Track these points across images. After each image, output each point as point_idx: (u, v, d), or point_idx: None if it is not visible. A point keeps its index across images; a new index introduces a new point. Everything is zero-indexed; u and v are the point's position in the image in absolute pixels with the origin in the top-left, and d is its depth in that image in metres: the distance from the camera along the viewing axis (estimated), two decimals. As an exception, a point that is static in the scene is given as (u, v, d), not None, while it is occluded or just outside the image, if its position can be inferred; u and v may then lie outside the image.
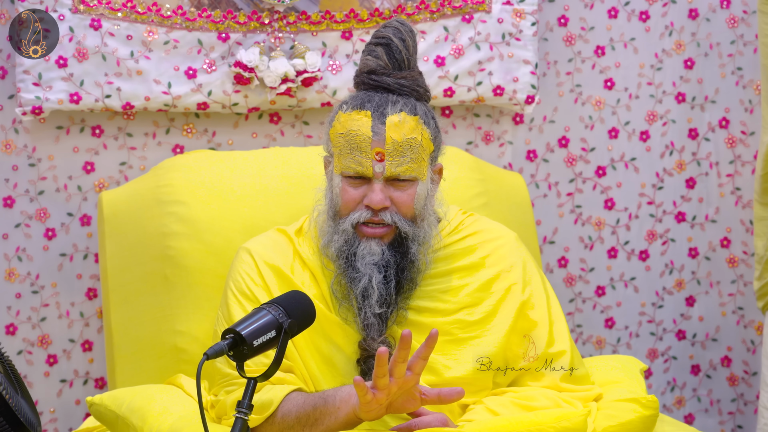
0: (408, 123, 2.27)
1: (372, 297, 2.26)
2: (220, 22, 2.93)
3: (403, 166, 2.26)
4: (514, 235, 2.43)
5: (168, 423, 2.22)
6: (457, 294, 2.33)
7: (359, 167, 2.26)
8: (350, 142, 2.27)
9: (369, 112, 2.27)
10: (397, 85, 2.31)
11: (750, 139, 3.29)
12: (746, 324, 3.35)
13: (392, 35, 2.33)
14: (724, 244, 3.32)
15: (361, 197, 2.28)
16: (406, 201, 2.28)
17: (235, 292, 2.35)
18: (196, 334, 2.65)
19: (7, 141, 2.94)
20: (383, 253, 2.27)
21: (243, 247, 2.42)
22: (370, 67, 2.33)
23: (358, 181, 2.28)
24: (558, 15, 3.19)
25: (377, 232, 2.28)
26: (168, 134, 3.01)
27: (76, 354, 3.00)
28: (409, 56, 2.33)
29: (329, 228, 2.31)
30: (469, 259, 2.36)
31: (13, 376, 2.22)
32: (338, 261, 2.29)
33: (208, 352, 1.95)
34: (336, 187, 2.30)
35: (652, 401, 2.20)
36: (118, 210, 2.78)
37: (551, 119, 3.22)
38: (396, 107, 2.27)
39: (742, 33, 3.26)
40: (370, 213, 2.27)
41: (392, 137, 2.25)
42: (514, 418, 2.12)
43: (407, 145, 2.26)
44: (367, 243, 2.27)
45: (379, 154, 2.26)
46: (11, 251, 2.96)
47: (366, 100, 2.29)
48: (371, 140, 2.25)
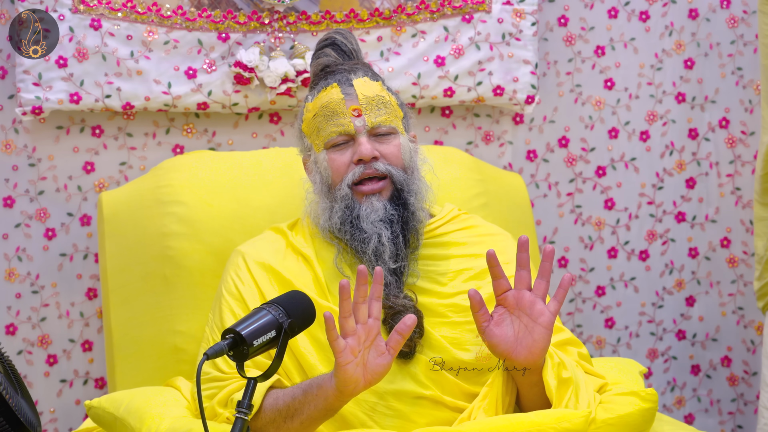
0: (373, 84, 2.37)
1: (385, 254, 2.30)
2: (220, 22, 2.93)
3: (381, 117, 2.33)
4: (510, 235, 2.48)
5: (166, 424, 2.22)
6: (455, 278, 2.36)
7: (340, 128, 2.33)
8: (325, 112, 2.34)
9: (335, 84, 2.36)
10: (352, 68, 2.39)
11: (750, 139, 3.29)
12: (746, 324, 3.35)
13: (334, 35, 2.45)
14: (724, 244, 3.32)
15: (349, 159, 2.33)
16: (393, 151, 2.34)
17: (225, 294, 2.38)
18: (195, 334, 2.66)
19: (7, 141, 2.94)
20: (385, 208, 2.31)
21: (236, 250, 2.45)
22: (323, 63, 2.42)
23: (343, 147, 2.34)
24: (558, 15, 3.19)
25: (375, 187, 2.33)
26: (168, 134, 3.01)
27: (76, 354, 3.00)
28: (356, 48, 2.45)
29: (326, 203, 2.35)
30: (467, 249, 2.40)
31: (13, 376, 2.22)
32: (343, 227, 2.32)
33: (208, 352, 1.95)
34: (323, 162, 2.35)
35: (651, 394, 2.20)
36: (118, 210, 2.78)
37: (551, 119, 3.22)
38: (358, 74, 2.37)
39: (742, 33, 3.26)
40: (362, 167, 2.32)
41: (363, 93, 2.34)
42: (515, 417, 2.11)
43: (379, 100, 2.35)
44: (368, 201, 2.32)
45: (356, 110, 2.33)
46: (11, 251, 2.96)
47: (328, 80, 2.37)
48: (344, 101, 2.33)
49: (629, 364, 2.53)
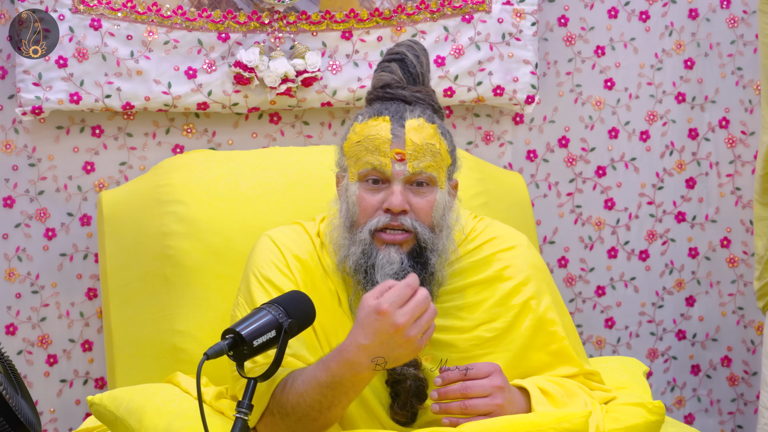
0: (427, 129, 2.24)
1: None
2: (220, 22, 2.93)
3: (423, 163, 2.21)
4: (526, 240, 2.39)
5: (164, 422, 2.22)
6: (475, 310, 2.29)
7: (378, 163, 2.20)
8: (368, 146, 2.22)
9: (387, 117, 2.23)
10: (413, 97, 2.27)
11: (750, 139, 3.29)
12: (746, 324, 3.35)
13: (406, 51, 2.31)
14: (724, 244, 3.32)
15: (379, 203, 2.21)
16: (425, 207, 2.22)
17: (259, 277, 2.28)
18: (195, 334, 2.66)
19: (7, 141, 2.94)
20: (402, 262, 2.20)
21: (266, 235, 2.36)
22: (384, 81, 2.29)
23: (376, 187, 2.22)
24: (558, 15, 3.19)
25: (397, 238, 2.21)
26: (168, 134, 3.01)
27: (76, 354, 3.00)
28: (423, 72, 2.31)
29: (345, 240, 2.24)
30: (486, 273, 2.31)
31: (13, 376, 2.22)
32: (356, 276, 2.23)
33: (208, 352, 1.95)
34: (352, 195, 2.24)
35: (659, 407, 2.20)
36: (118, 210, 2.78)
37: (551, 119, 3.22)
38: (414, 113, 2.24)
39: (742, 33, 3.26)
40: (389, 218, 2.20)
41: (412, 139, 2.21)
42: (515, 418, 2.11)
43: (427, 149, 2.22)
44: (386, 251, 2.20)
45: (399, 155, 2.21)
46: (11, 251, 2.96)
47: (383, 108, 2.25)
48: (391, 142, 2.21)
49: (632, 363, 2.53)
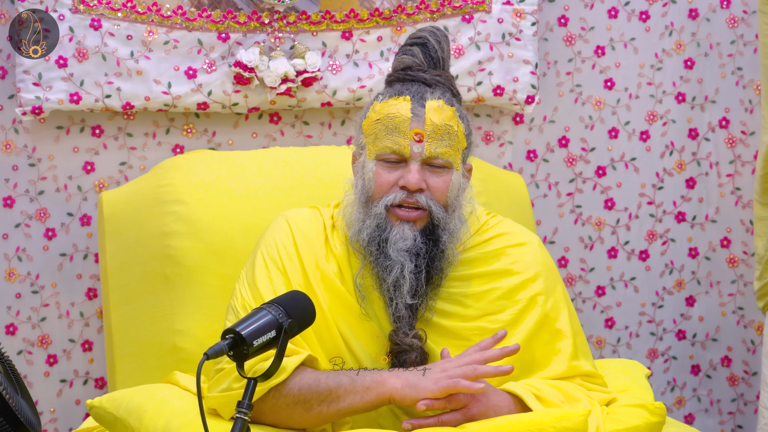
0: (446, 110, 2.27)
1: (404, 287, 2.24)
2: (220, 22, 2.93)
3: (441, 148, 2.25)
4: (538, 240, 2.41)
5: (163, 420, 2.22)
6: (480, 300, 2.31)
7: (396, 146, 2.25)
8: (388, 124, 2.26)
9: (408, 97, 2.27)
10: (433, 80, 2.31)
11: (750, 139, 3.29)
12: (746, 324, 3.35)
13: (428, 35, 2.35)
14: (724, 244, 3.32)
15: (395, 180, 2.26)
16: (441, 187, 2.26)
17: (265, 256, 2.32)
18: (196, 334, 2.66)
19: (7, 141, 2.94)
20: (415, 239, 2.25)
21: (282, 215, 2.40)
22: (405, 63, 2.33)
23: (394, 165, 2.26)
24: (558, 15, 3.19)
25: (411, 215, 2.25)
26: (168, 134, 3.01)
27: (76, 354, 3.00)
28: (444, 57, 2.34)
29: (360, 214, 2.28)
30: (495, 266, 2.34)
31: (13, 376, 2.22)
32: (369, 247, 2.26)
33: (208, 352, 1.95)
34: (369, 172, 2.27)
35: (660, 408, 2.21)
36: (119, 209, 2.78)
37: (551, 119, 3.22)
38: (434, 95, 2.28)
39: (742, 33, 3.26)
40: (405, 194, 2.25)
41: (432, 119, 2.25)
42: (515, 417, 2.11)
43: (445, 131, 2.26)
44: (399, 227, 2.25)
45: (418, 135, 2.24)
46: (11, 251, 2.96)
47: (404, 89, 2.29)
48: (410, 121, 2.25)
49: (634, 366, 2.53)
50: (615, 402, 2.29)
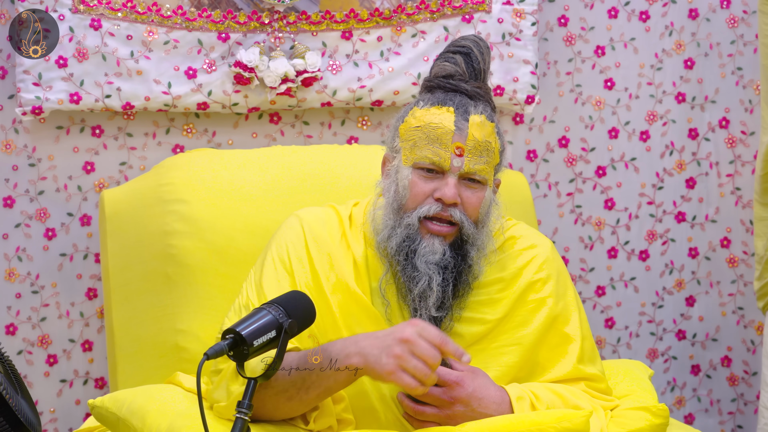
0: (487, 126, 2.27)
1: (430, 299, 2.23)
2: (220, 22, 2.93)
3: (480, 165, 2.25)
4: (551, 244, 2.41)
5: (167, 421, 2.22)
6: (497, 306, 2.31)
7: (436, 158, 2.23)
8: (429, 134, 2.24)
9: (452, 108, 2.25)
10: (474, 92, 2.30)
11: (750, 139, 3.29)
12: (746, 324, 3.35)
13: (472, 45, 2.33)
14: (724, 244, 3.32)
15: (431, 191, 2.24)
16: (475, 203, 2.26)
17: (275, 256, 2.31)
18: (197, 333, 2.66)
19: (7, 141, 2.94)
20: (444, 253, 2.24)
21: (295, 215, 2.38)
22: (447, 71, 2.31)
23: (431, 175, 2.25)
24: (558, 15, 3.19)
25: (443, 229, 2.24)
26: (168, 134, 3.01)
27: (76, 354, 3.00)
28: (485, 69, 2.33)
29: (390, 221, 2.27)
30: (508, 270, 2.34)
31: (13, 376, 2.22)
32: (397, 256, 2.25)
33: (208, 352, 1.95)
34: (404, 179, 2.26)
35: (663, 410, 2.21)
36: (120, 208, 2.78)
37: (551, 119, 3.22)
38: (477, 109, 2.27)
39: (742, 33, 3.26)
40: (439, 207, 2.24)
41: (474, 135, 2.24)
42: (515, 417, 2.11)
43: (485, 147, 2.26)
44: (430, 240, 2.24)
45: (459, 149, 2.23)
46: (11, 251, 2.96)
47: (447, 99, 2.27)
48: (453, 134, 2.23)
49: (637, 366, 2.53)
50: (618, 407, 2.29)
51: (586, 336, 2.34)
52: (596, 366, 2.34)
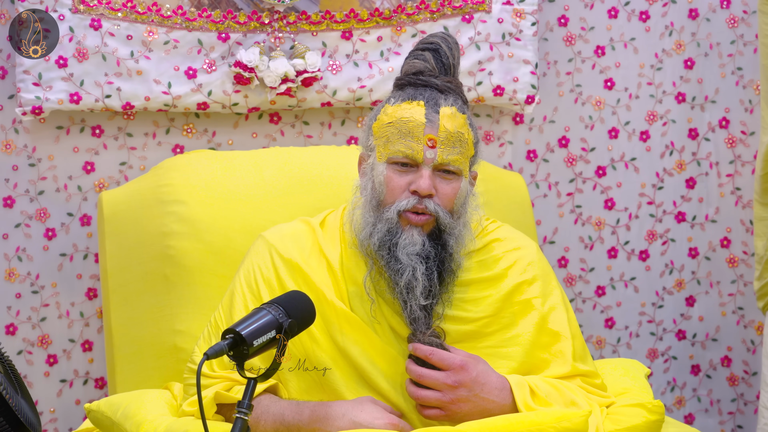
0: (458, 118, 2.28)
1: (417, 289, 2.25)
2: (220, 22, 2.93)
3: (453, 155, 2.26)
4: (536, 246, 2.43)
5: (162, 426, 2.22)
6: (480, 304, 2.32)
7: (409, 151, 2.25)
8: (401, 128, 2.26)
9: (422, 102, 2.27)
10: (444, 86, 2.31)
11: (750, 139, 3.29)
12: (746, 324, 3.35)
13: (440, 41, 2.35)
14: (724, 244, 3.32)
15: (406, 185, 2.26)
16: (449, 194, 2.27)
17: (243, 283, 2.34)
18: (196, 334, 2.65)
19: (7, 141, 2.94)
20: (424, 243, 2.26)
21: (261, 236, 2.40)
22: (417, 68, 2.33)
23: (405, 169, 2.27)
24: (558, 15, 3.19)
25: (420, 219, 2.26)
26: (168, 134, 3.01)
27: (76, 354, 3.00)
28: (455, 64, 2.35)
29: (371, 218, 2.29)
30: (492, 271, 2.35)
31: (13, 376, 2.22)
32: (380, 251, 2.27)
33: (208, 352, 1.96)
34: (380, 175, 2.28)
35: (658, 406, 2.22)
36: (119, 210, 2.78)
37: (551, 119, 3.22)
38: (448, 101, 2.29)
39: (742, 33, 3.26)
40: (416, 199, 2.25)
41: (445, 126, 2.26)
42: (515, 417, 2.12)
43: (457, 138, 2.27)
44: (409, 232, 2.26)
45: (431, 141, 2.25)
46: (11, 251, 2.96)
47: (417, 93, 2.29)
48: (424, 126, 2.25)
49: (633, 365, 2.53)
50: (614, 405, 2.29)
51: (576, 335, 2.35)
52: (588, 363, 2.35)
